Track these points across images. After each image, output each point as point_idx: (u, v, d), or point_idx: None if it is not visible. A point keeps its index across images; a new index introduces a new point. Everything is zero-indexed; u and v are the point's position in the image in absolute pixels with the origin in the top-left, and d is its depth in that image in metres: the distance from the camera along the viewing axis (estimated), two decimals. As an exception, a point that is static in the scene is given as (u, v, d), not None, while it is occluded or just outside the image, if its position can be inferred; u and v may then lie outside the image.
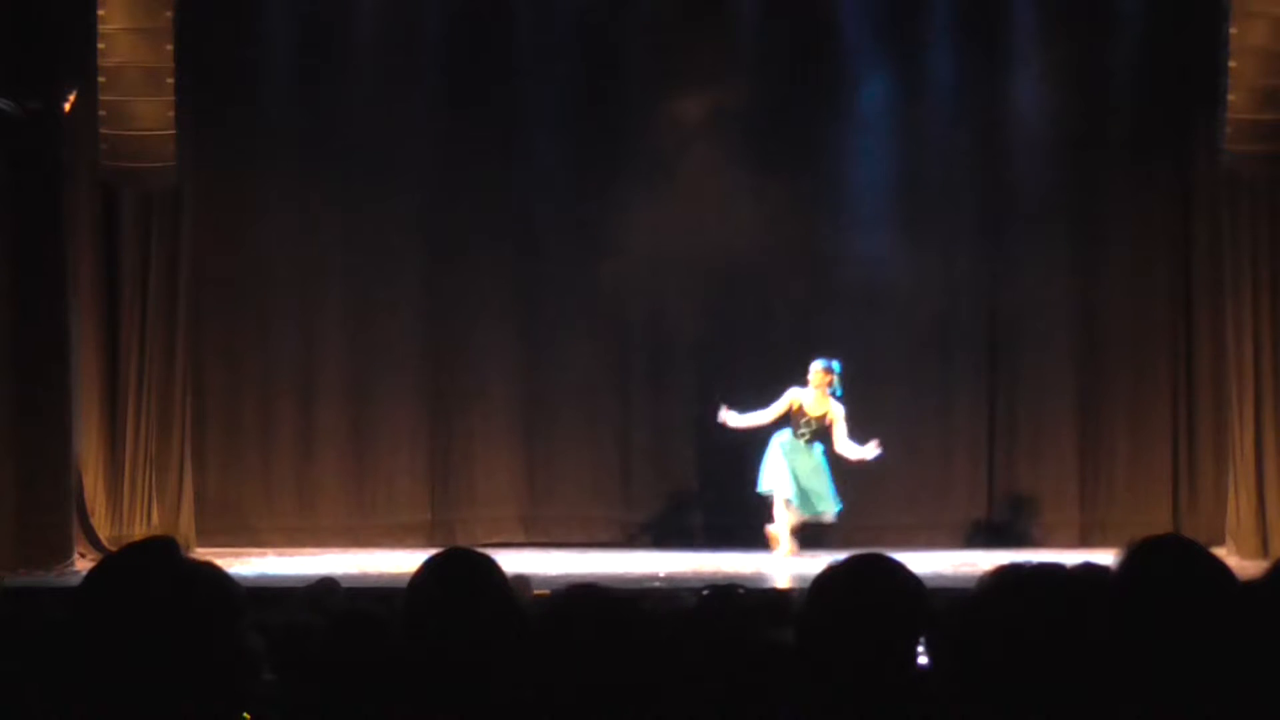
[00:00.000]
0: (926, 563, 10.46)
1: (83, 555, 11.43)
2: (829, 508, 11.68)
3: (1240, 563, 11.13)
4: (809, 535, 12.29)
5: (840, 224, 13.00)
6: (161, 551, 2.55)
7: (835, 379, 11.54)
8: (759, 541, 12.16)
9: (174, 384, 12.41)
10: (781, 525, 11.65)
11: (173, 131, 11.67)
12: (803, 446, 11.61)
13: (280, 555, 12.12)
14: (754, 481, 12.42)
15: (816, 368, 11.55)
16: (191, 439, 12.55)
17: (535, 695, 2.70)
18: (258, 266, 12.84)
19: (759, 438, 12.04)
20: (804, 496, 11.61)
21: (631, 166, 12.73)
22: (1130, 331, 12.88)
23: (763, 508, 11.98)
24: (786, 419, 11.63)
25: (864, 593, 2.91)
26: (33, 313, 11.34)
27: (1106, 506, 12.89)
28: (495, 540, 12.32)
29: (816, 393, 11.55)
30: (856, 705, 2.81)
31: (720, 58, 12.75)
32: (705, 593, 5.62)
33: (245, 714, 3.00)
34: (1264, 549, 11.85)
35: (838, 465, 11.85)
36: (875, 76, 12.97)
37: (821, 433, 11.61)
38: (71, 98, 11.29)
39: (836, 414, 11.60)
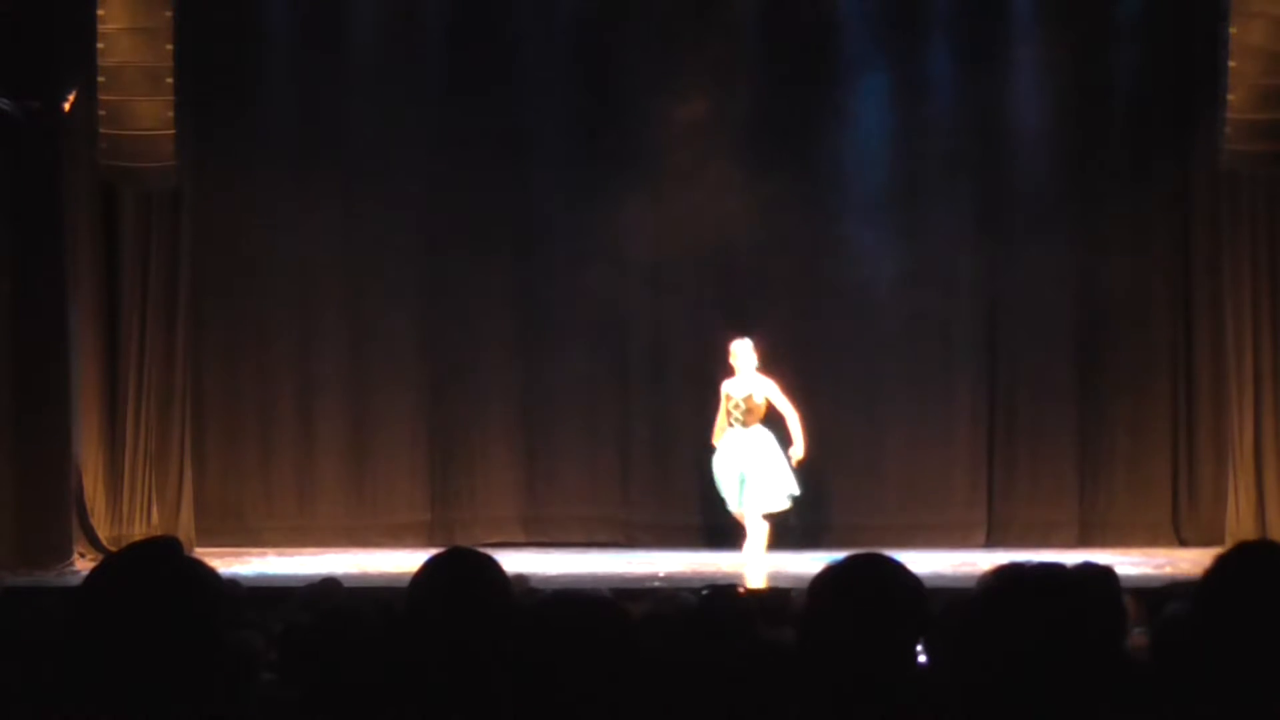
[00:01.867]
0: (926, 563, 10.45)
1: (83, 555, 11.43)
2: (781, 498, 11.49)
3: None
4: (806, 535, 12.32)
5: (840, 224, 12.98)
6: (164, 551, 2.56)
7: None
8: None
9: (174, 384, 12.41)
10: (754, 533, 11.51)
11: (172, 131, 11.67)
12: (743, 438, 11.41)
13: (280, 555, 12.12)
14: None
15: (737, 347, 11.45)
16: (191, 439, 12.55)
17: (534, 695, 2.70)
18: (258, 266, 12.84)
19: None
20: (756, 491, 11.42)
21: (631, 166, 12.72)
22: (1130, 331, 12.88)
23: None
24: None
25: (863, 592, 2.91)
26: (33, 313, 11.33)
27: (1106, 506, 12.89)
28: (495, 540, 12.32)
29: (739, 375, 11.43)
30: (856, 705, 2.81)
31: (720, 58, 12.73)
32: (705, 593, 5.63)
33: None
34: (1264, 549, 11.84)
35: (839, 461, 11.86)
36: (875, 76, 12.96)
37: (754, 414, 11.44)
38: (71, 98, 11.29)
39: (769, 390, 11.46)
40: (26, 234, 11.33)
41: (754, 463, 11.44)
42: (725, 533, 12.48)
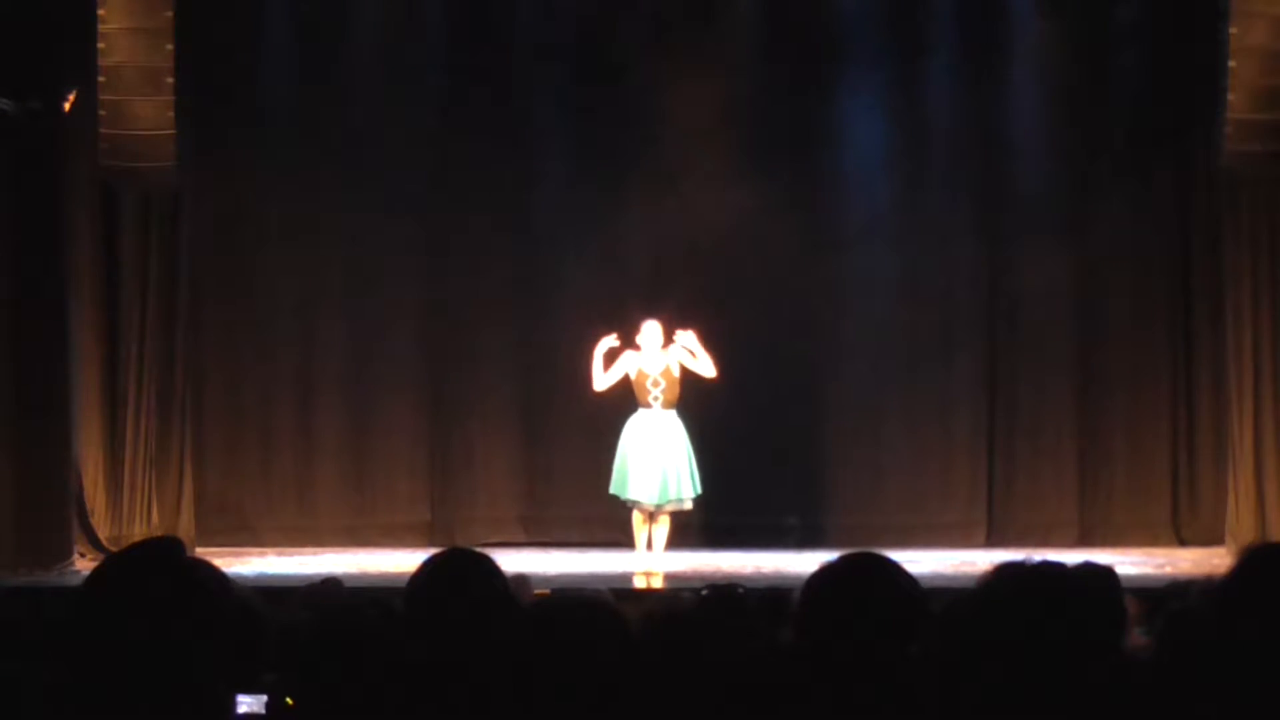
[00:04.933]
0: (926, 563, 10.46)
1: (83, 555, 11.42)
2: (689, 493, 11.06)
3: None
4: (806, 535, 12.31)
5: (840, 225, 13.00)
6: (166, 551, 2.55)
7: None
8: (759, 541, 12.16)
9: (174, 384, 12.40)
10: (638, 531, 11.18)
11: (173, 131, 11.67)
12: (658, 422, 10.97)
13: (280, 555, 12.12)
14: (755, 479, 12.42)
15: (648, 328, 10.99)
16: (191, 439, 12.54)
17: (532, 695, 2.70)
18: (258, 266, 12.84)
19: (740, 436, 12.05)
20: (663, 482, 10.96)
21: (632, 167, 12.71)
22: (1130, 331, 12.88)
23: (766, 505, 11.98)
24: (632, 397, 11.09)
25: (858, 592, 2.91)
26: (33, 313, 11.33)
27: (1106, 506, 12.88)
28: (495, 540, 12.32)
29: (653, 351, 11.00)
30: (853, 705, 2.81)
31: (722, 57, 12.74)
32: (705, 593, 5.62)
33: (289, 700, 3.02)
34: (1264, 549, 11.82)
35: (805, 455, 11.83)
36: (876, 76, 12.97)
37: (672, 390, 11.04)
38: (71, 98, 11.29)
39: (680, 358, 10.95)
40: (26, 234, 11.32)
41: (676, 457, 10.99)
42: (725, 533, 12.48)
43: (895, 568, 2.98)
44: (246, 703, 3.37)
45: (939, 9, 12.95)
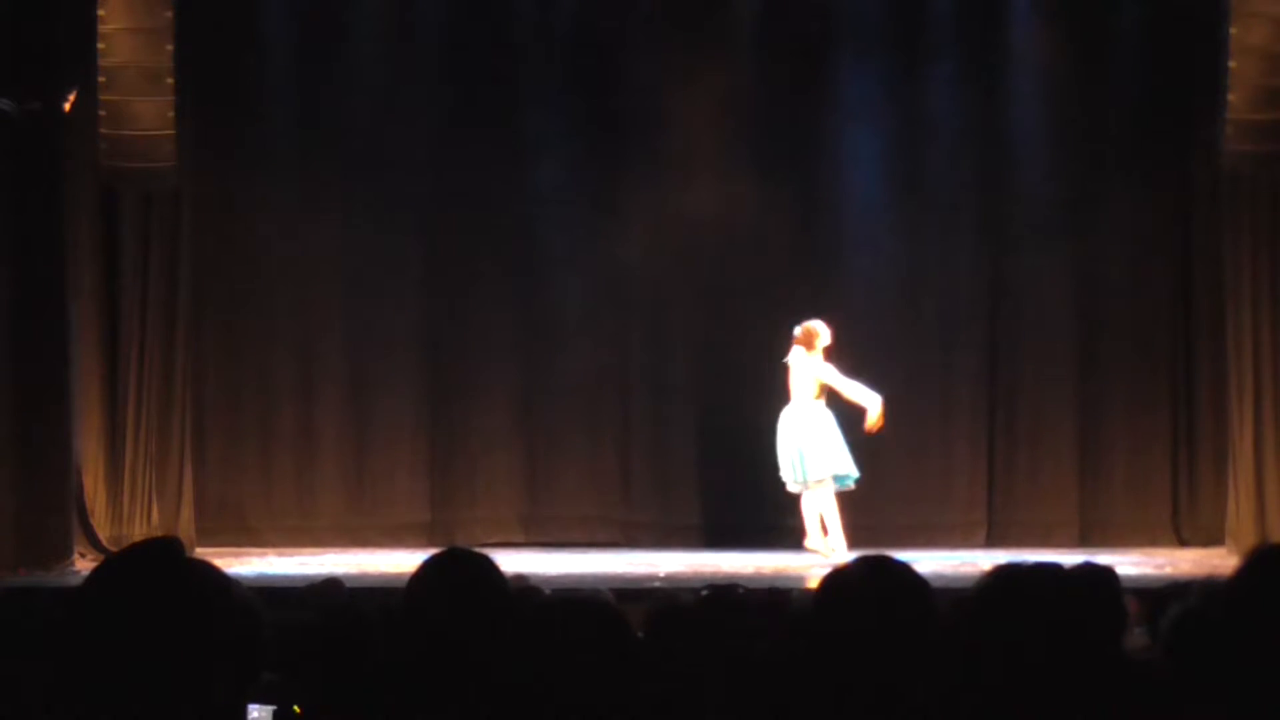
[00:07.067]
0: (926, 563, 10.45)
1: (83, 555, 11.42)
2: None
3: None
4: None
5: (841, 224, 13.01)
6: (166, 552, 2.55)
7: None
8: (759, 541, 12.15)
9: (174, 384, 12.40)
10: (833, 516, 11.47)
11: (173, 131, 11.68)
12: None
13: (280, 555, 12.12)
14: (755, 479, 12.39)
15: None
16: (191, 439, 12.54)
17: (532, 696, 2.70)
18: (258, 266, 12.84)
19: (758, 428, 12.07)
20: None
21: (632, 168, 12.73)
22: (1130, 331, 12.88)
23: (766, 505, 11.98)
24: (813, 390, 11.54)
25: (873, 594, 2.91)
26: (33, 313, 11.33)
27: (1106, 506, 12.88)
28: (495, 540, 12.32)
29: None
30: (863, 706, 2.81)
31: (722, 61, 12.75)
32: (705, 593, 5.63)
33: (296, 708, 3.02)
34: (1264, 549, 11.81)
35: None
36: (876, 79, 12.96)
37: None
38: (71, 98, 11.29)
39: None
40: (26, 234, 11.32)
41: None
42: (726, 533, 12.49)
43: (908, 570, 2.98)
44: (254, 709, 3.38)
45: (939, 8, 12.95)
